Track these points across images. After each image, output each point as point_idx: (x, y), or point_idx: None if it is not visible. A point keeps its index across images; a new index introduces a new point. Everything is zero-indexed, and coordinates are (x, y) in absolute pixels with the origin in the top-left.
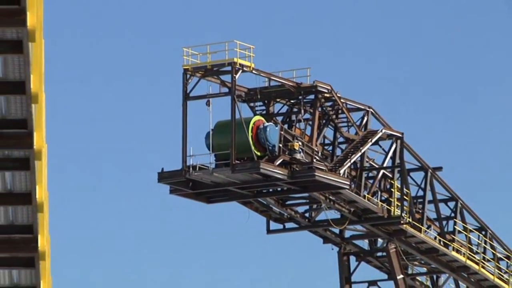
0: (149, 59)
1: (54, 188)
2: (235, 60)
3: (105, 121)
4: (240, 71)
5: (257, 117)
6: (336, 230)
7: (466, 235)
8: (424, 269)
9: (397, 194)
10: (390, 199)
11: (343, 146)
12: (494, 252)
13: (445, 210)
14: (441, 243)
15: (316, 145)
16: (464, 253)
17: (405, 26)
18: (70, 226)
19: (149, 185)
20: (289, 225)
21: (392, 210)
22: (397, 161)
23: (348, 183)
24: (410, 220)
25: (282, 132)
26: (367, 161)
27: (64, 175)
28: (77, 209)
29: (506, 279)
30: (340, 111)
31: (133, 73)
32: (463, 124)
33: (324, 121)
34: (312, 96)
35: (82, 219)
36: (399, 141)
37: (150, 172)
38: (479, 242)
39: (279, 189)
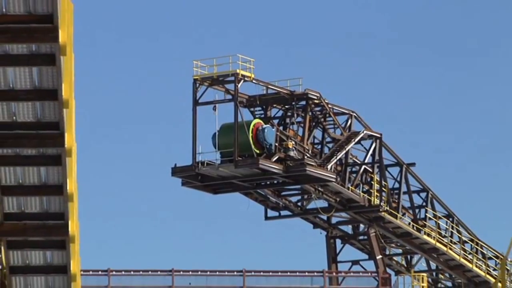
0: (164, 70)
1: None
2: (238, 71)
3: (127, 124)
4: (242, 80)
5: (256, 120)
6: (324, 217)
7: (435, 221)
8: (400, 250)
9: (376, 186)
10: (370, 190)
11: (330, 145)
12: (460, 236)
13: (417, 200)
14: (414, 228)
15: (307, 144)
16: (434, 237)
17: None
18: (96, 213)
19: (164, 178)
20: (284, 212)
21: (372, 199)
22: (376, 157)
23: (334, 176)
24: (388, 208)
25: (277, 133)
26: (350, 158)
27: (91, 170)
28: (103, 198)
29: (470, 259)
30: (327, 115)
31: (150, 82)
32: (433, 125)
33: (313, 124)
34: (303, 102)
35: (107, 207)
36: (378, 141)
37: (165, 167)
38: (447, 227)
39: (275, 181)
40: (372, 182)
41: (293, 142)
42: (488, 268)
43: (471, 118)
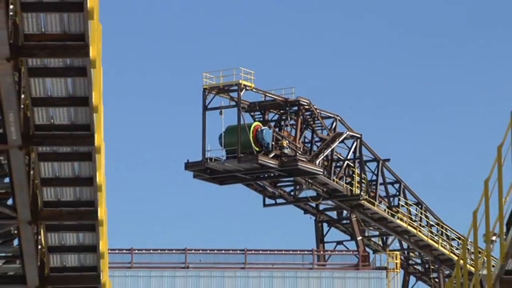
0: (178, 80)
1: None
2: (240, 81)
3: (146, 126)
4: (244, 89)
5: (256, 123)
6: (313, 204)
7: (407, 208)
8: (377, 232)
9: (357, 178)
10: (352, 182)
11: (318, 144)
12: (428, 220)
13: (391, 190)
14: (389, 213)
15: (299, 143)
16: (405, 221)
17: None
18: (122, 201)
19: (178, 172)
20: (279, 200)
21: (354, 190)
22: (357, 154)
23: (321, 170)
24: (367, 197)
25: (274, 134)
26: (335, 155)
27: (117, 165)
28: (127, 188)
29: (436, 240)
30: (316, 119)
31: (166, 91)
32: (406, 127)
33: (304, 126)
34: (296, 108)
35: (131, 196)
36: (358, 140)
37: (179, 163)
38: (417, 213)
39: (272, 174)
40: (354, 175)
41: (287, 141)
42: (451, 248)
43: (438, 122)
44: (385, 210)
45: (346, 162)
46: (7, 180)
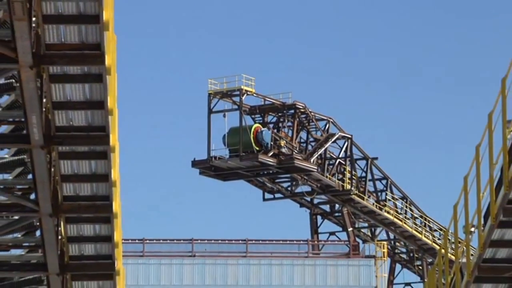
0: (185, 86)
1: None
2: (242, 87)
3: (157, 127)
4: (245, 94)
5: (256, 125)
6: (308, 199)
7: (393, 202)
8: (366, 224)
9: (348, 175)
10: (343, 178)
11: (313, 144)
12: (412, 213)
13: (379, 185)
14: (377, 207)
15: (295, 143)
16: (392, 214)
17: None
18: (134, 195)
19: (185, 169)
20: (277, 195)
21: (345, 185)
22: (348, 153)
23: (315, 167)
24: (357, 192)
25: (272, 134)
26: (328, 154)
27: (131, 162)
28: (140, 184)
29: (420, 231)
30: (310, 121)
31: (175, 96)
32: (393, 129)
33: (300, 127)
34: (292, 111)
35: (143, 190)
36: (349, 140)
37: (186, 161)
38: (402, 206)
39: (270, 171)
40: (345, 172)
41: (284, 142)
42: (434, 238)
43: (422, 124)
44: (373, 204)
45: (338, 160)
46: (30, 176)
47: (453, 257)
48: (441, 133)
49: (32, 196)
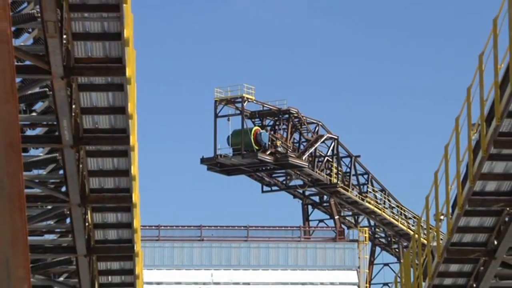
0: (195, 94)
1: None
2: (244, 95)
3: (170, 129)
4: (246, 101)
5: (256, 127)
6: (300, 191)
7: (374, 193)
8: (350, 213)
9: (334, 170)
10: (331, 173)
11: (305, 144)
12: (390, 203)
13: (362, 179)
14: (360, 198)
15: (289, 143)
16: (372, 204)
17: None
18: (152, 188)
19: (195, 166)
20: (274, 188)
21: (332, 179)
22: (335, 152)
23: (307, 164)
24: (342, 185)
25: (270, 136)
26: (318, 152)
27: (147, 160)
28: (156, 178)
29: (397, 218)
30: (302, 124)
31: (186, 102)
32: (372, 131)
33: (293, 130)
34: (287, 116)
35: (158, 184)
36: (336, 141)
37: (196, 158)
38: (381, 197)
39: (268, 167)
40: (332, 168)
41: (280, 142)
42: (408, 225)
43: (399, 126)
44: (356, 195)
45: (326, 158)
46: (61, 172)
47: (425, 241)
48: (415, 134)
49: (63, 189)
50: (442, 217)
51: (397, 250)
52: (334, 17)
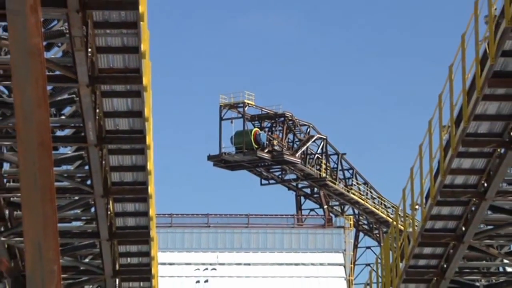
0: (203, 100)
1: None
2: (245, 101)
3: (182, 131)
4: (247, 106)
5: (256, 129)
6: (294, 184)
7: (357, 186)
8: (337, 203)
9: (324, 166)
10: (320, 169)
11: (298, 143)
12: (372, 194)
13: (347, 174)
14: (345, 190)
15: (284, 142)
16: (356, 195)
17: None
18: (165, 181)
19: (202, 162)
20: (271, 181)
21: (321, 174)
22: (324, 150)
23: (299, 160)
24: (330, 179)
25: (267, 136)
26: (309, 150)
27: (162, 157)
28: (169, 173)
29: (377, 208)
30: (296, 126)
31: (196, 107)
32: (356, 131)
33: (288, 131)
34: (282, 118)
35: (171, 179)
36: (325, 140)
37: (203, 156)
38: (364, 189)
39: (266, 163)
40: (321, 164)
41: (276, 141)
42: (388, 213)
43: (379, 127)
44: (343, 187)
45: (316, 155)
46: (86, 167)
47: (402, 228)
48: (394, 135)
49: (88, 182)
50: (417, 206)
51: (378, 235)
52: (325, 33)
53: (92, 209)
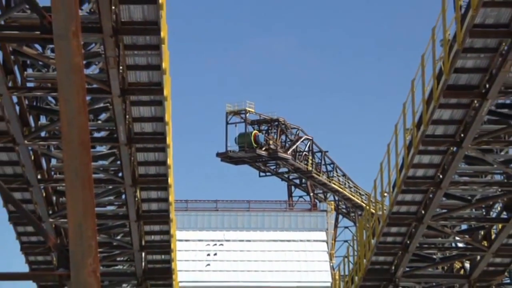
0: (212, 108)
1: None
2: (246, 108)
3: (195, 133)
4: (248, 113)
5: (255, 131)
6: (286, 175)
7: (337, 177)
8: (321, 191)
9: (310, 161)
10: (307, 163)
11: (289, 143)
12: (349, 184)
13: (329, 168)
14: (328, 181)
15: (278, 142)
16: (336, 185)
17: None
18: (182, 174)
19: (212, 158)
20: (268, 174)
21: (308, 167)
22: (310, 148)
23: (290, 157)
24: (315, 172)
25: (265, 137)
26: (298, 148)
27: (179, 154)
28: (185, 168)
29: (353, 195)
30: (287, 129)
31: (206, 114)
32: (336, 133)
33: (281, 133)
34: (277, 123)
35: (187, 172)
36: (311, 140)
37: (213, 153)
38: (343, 180)
39: (263, 159)
40: (308, 160)
41: (272, 141)
42: (362, 200)
43: (354, 129)
44: (325, 179)
45: (304, 152)
46: (118, 162)
47: (373, 211)
48: (367, 137)
49: (120, 174)
50: (385, 194)
51: (354, 217)
52: (317, 52)
53: (123, 196)
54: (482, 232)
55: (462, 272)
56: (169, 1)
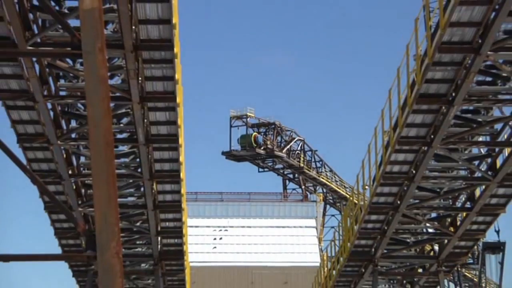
0: (218, 113)
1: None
2: (247, 113)
3: (202, 135)
4: (249, 117)
5: (255, 133)
6: (281, 171)
7: (325, 173)
8: (311, 184)
9: (302, 159)
10: (300, 160)
11: (284, 143)
12: (335, 178)
13: (318, 164)
14: (317, 175)
15: (275, 143)
16: (324, 179)
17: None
18: (191, 170)
19: (217, 156)
20: (266, 169)
21: (300, 164)
22: (302, 148)
23: (285, 155)
24: (307, 168)
25: (263, 138)
26: (292, 148)
27: (189, 153)
28: (195, 165)
29: (339, 187)
30: (282, 131)
31: (212, 118)
32: (324, 135)
33: (277, 134)
34: (273, 126)
35: (195, 170)
36: (303, 141)
37: (218, 151)
38: (330, 175)
39: (262, 157)
40: (300, 157)
41: (269, 142)
42: (346, 192)
43: (340, 133)
44: (315, 174)
45: (297, 151)
46: (138, 160)
47: (356, 202)
48: (351, 138)
49: (139, 170)
50: (366, 187)
51: (339, 207)
52: (313, 66)
53: (141, 189)
54: (449, 220)
55: (432, 253)
56: (182, 22)
